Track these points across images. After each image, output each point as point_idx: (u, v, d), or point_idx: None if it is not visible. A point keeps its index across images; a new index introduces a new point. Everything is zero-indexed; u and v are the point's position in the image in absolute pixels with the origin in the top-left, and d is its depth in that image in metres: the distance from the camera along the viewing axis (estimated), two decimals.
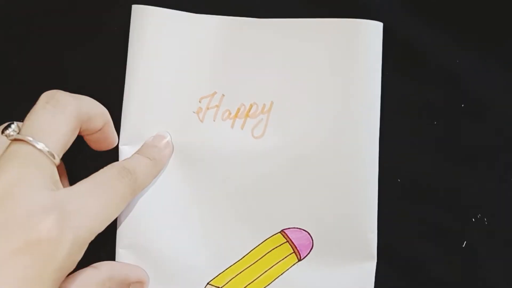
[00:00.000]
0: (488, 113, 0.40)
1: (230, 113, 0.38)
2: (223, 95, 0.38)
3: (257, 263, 0.38)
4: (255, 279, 0.38)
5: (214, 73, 0.38)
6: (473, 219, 0.39)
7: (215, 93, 0.38)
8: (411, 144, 0.39)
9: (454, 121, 0.40)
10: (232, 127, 0.38)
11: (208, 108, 0.38)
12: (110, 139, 0.36)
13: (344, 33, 0.38)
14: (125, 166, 0.33)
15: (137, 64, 0.37)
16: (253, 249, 0.38)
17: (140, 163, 0.34)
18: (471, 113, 0.40)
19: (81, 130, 0.33)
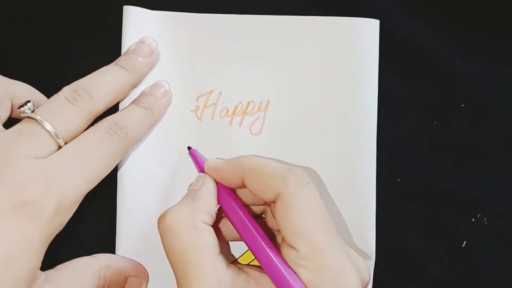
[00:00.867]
0: (488, 113, 0.40)
1: (228, 111, 0.38)
2: (220, 93, 0.38)
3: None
4: None
5: (211, 71, 0.38)
6: (473, 219, 0.39)
7: (212, 91, 0.38)
8: (411, 144, 0.39)
9: (454, 121, 0.40)
10: (230, 125, 0.38)
11: (206, 106, 0.38)
12: None
13: (341, 31, 0.38)
14: (115, 121, 0.34)
15: None
16: None
17: (134, 114, 0.35)
18: (471, 113, 0.40)
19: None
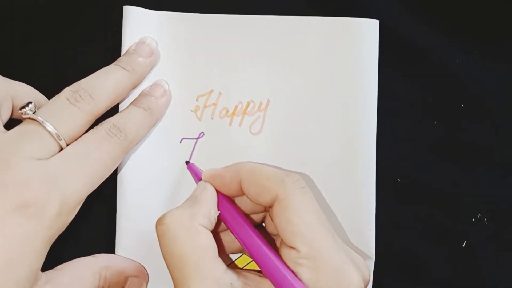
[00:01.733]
0: (488, 113, 0.40)
1: (228, 111, 0.38)
2: (220, 93, 0.38)
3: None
4: None
5: (211, 72, 0.38)
6: (473, 219, 0.39)
7: (212, 91, 0.38)
8: (411, 144, 0.39)
9: (454, 121, 0.40)
10: (230, 125, 0.38)
11: (206, 106, 0.38)
12: None
13: (341, 31, 0.38)
14: (115, 124, 0.34)
15: None
16: None
17: (133, 116, 0.35)
18: (471, 113, 0.40)
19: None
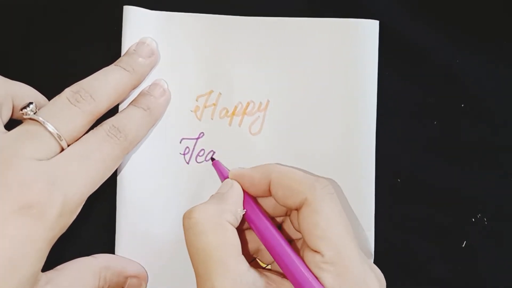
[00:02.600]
0: (488, 113, 0.40)
1: (228, 111, 0.38)
2: (220, 94, 0.38)
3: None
4: None
5: (210, 72, 0.38)
6: (473, 219, 0.39)
7: (212, 92, 0.38)
8: (411, 144, 0.39)
9: (454, 121, 0.40)
10: (230, 125, 0.38)
11: (206, 107, 0.38)
12: None
13: (340, 32, 0.38)
14: (114, 125, 0.34)
15: None
16: None
17: (133, 116, 0.35)
18: (471, 113, 0.40)
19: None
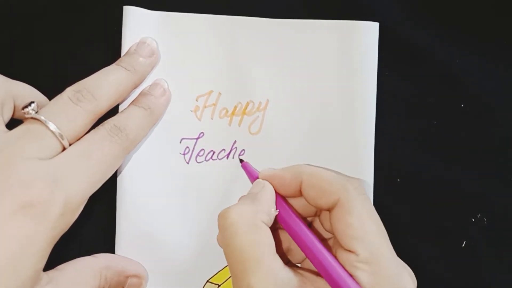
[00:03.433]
0: (488, 113, 0.40)
1: (227, 111, 0.38)
2: (220, 94, 0.38)
3: None
4: None
5: (210, 72, 0.38)
6: (473, 219, 0.39)
7: (212, 92, 0.38)
8: (411, 144, 0.39)
9: (454, 121, 0.40)
10: (230, 125, 0.38)
11: (206, 107, 0.38)
12: None
13: (340, 34, 0.38)
14: (115, 124, 0.34)
15: None
16: None
17: (134, 116, 0.35)
18: (471, 113, 0.40)
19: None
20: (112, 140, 0.33)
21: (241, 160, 0.37)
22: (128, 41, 0.37)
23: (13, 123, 0.34)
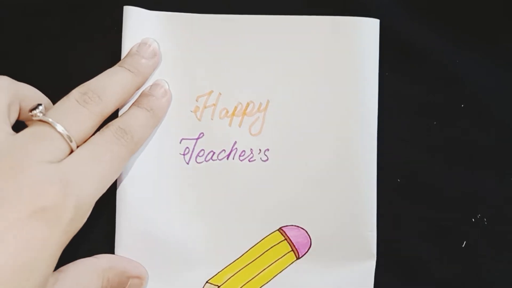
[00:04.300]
0: (488, 113, 0.40)
1: (228, 112, 0.38)
2: (220, 94, 0.38)
3: (256, 261, 0.38)
4: (254, 277, 0.38)
5: (210, 72, 0.38)
6: (473, 219, 0.39)
7: (212, 92, 0.38)
8: (411, 144, 0.39)
9: (454, 121, 0.40)
10: (230, 125, 0.38)
11: (206, 107, 0.38)
12: None
13: (340, 31, 0.38)
14: (120, 126, 0.34)
15: None
16: (252, 247, 0.38)
17: (137, 117, 0.35)
18: (471, 113, 0.40)
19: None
20: (118, 142, 0.33)
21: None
22: (128, 41, 0.37)
23: (15, 125, 0.34)
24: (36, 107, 0.32)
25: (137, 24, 0.38)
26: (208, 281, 0.38)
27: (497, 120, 0.40)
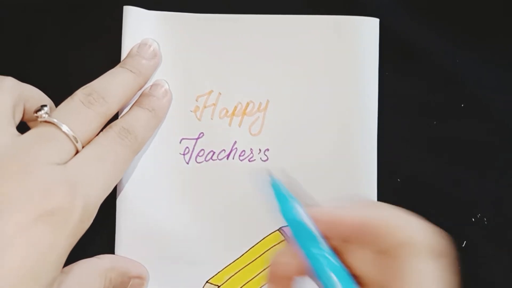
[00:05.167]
0: (488, 113, 0.40)
1: (227, 111, 0.38)
2: (220, 94, 0.38)
3: (256, 262, 0.38)
4: (254, 277, 0.38)
5: (210, 72, 0.38)
6: (473, 219, 0.39)
7: (212, 92, 0.38)
8: (411, 144, 0.39)
9: (454, 121, 0.40)
10: (230, 125, 0.38)
11: (205, 107, 0.38)
12: None
13: (340, 30, 0.38)
14: (124, 127, 0.34)
15: None
16: (252, 247, 0.38)
17: (139, 118, 0.35)
18: (471, 113, 0.40)
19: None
20: (122, 143, 0.33)
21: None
22: (128, 41, 0.37)
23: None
24: (41, 108, 0.32)
25: (137, 24, 0.38)
26: (208, 281, 0.38)
27: (497, 120, 0.40)
